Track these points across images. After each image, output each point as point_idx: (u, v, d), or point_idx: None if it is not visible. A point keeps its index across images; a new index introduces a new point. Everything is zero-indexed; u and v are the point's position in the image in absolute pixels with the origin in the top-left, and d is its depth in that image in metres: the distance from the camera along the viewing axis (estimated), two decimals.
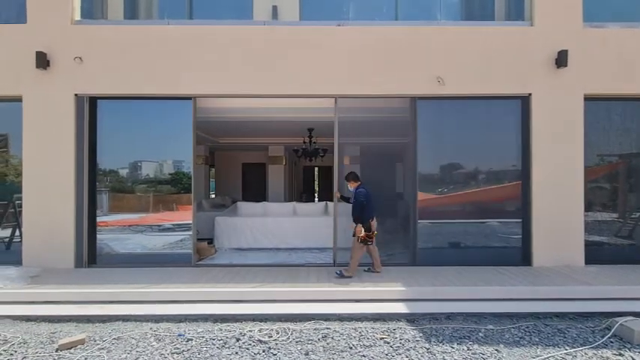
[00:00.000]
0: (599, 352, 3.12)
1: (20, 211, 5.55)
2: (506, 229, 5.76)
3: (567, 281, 4.67)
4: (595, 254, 5.51)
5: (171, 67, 5.46)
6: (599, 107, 5.65)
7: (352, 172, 5.11)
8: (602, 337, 3.36)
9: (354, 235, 4.83)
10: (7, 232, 5.84)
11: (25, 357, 3.05)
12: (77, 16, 5.59)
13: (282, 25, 5.65)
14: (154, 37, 5.49)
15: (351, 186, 5.02)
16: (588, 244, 5.51)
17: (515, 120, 5.66)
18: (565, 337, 3.39)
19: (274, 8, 5.97)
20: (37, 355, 3.08)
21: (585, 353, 3.10)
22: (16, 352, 3.13)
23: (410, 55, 5.51)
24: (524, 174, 5.62)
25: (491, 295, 4.33)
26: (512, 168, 5.75)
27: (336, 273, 4.90)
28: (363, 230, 4.77)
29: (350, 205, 4.98)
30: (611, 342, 3.29)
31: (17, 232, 5.76)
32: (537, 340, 3.35)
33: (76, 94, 5.46)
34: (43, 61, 5.30)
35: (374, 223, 4.98)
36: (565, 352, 3.12)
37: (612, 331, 3.41)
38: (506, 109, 5.68)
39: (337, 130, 5.64)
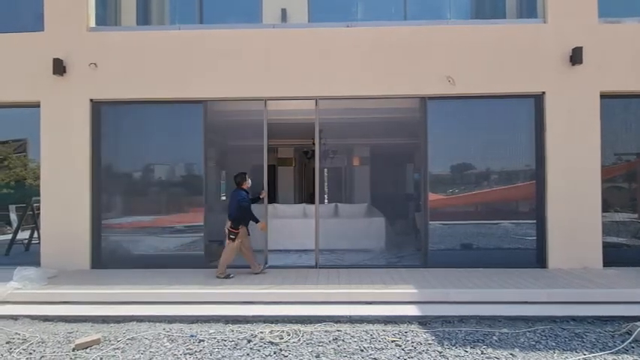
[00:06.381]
0: (620, 357, 3.03)
1: (38, 214, 5.71)
2: (520, 230, 5.65)
3: (585, 284, 4.55)
4: (613, 256, 5.34)
5: (182, 72, 5.54)
6: (616, 105, 5.50)
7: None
8: (623, 342, 3.25)
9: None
10: (25, 234, 6.02)
11: (43, 356, 3.13)
12: (92, 23, 5.74)
13: (291, 28, 5.68)
14: (166, 42, 5.59)
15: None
16: (606, 246, 5.35)
17: (528, 119, 5.55)
18: (583, 342, 3.29)
19: (283, 11, 6.01)
20: (55, 354, 3.16)
21: (605, 359, 3.01)
22: (34, 351, 3.22)
23: (420, 55, 5.46)
24: (538, 174, 5.50)
25: (505, 297, 4.24)
26: (525, 168, 5.64)
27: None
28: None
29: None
30: (632, 347, 3.18)
31: (35, 234, 5.93)
32: (554, 344, 3.26)
33: (91, 100, 5.60)
34: (59, 67, 5.45)
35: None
36: (583, 357, 3.03)
37: (633, 335, 3.30)
38: (519, 108, 5.58)
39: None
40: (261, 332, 3.53)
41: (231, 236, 4.92)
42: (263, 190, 5.57)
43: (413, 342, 3.31)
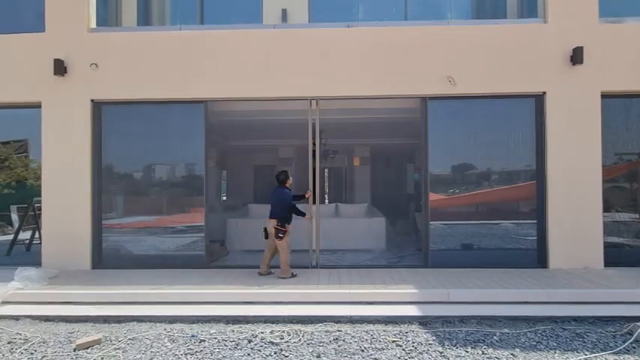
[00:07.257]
0: (621, 357, 3.02)
1: (39, 214, 5.72)
2: (521, 231, 5.64)
3: (585, 284, 4.54)
4: (614, 256, 5.34)
5: (183, 72, 5.55)
6: (617, 105, 5.49)
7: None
8: (624, 342, 3.25)
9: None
10: (27, 234, 6.04)
11: (44, 356, 3.13)
12: (93, 24, 5.75)
13: (291, 29, 5.68)
14: (167, 42, 5.60)
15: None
16: (607, 246, 5.34)
17: (529, 119, 5.54)
18: (584, 342, 3.29)
19: (283, 12, 6.02)
20: (56, 354, 3.17)
21: (606, 359, 3.00)
22: (36, 351, 3.22)
23: (421, 55, 5.46)
24: (538, 174, 5.50)
25: (506, 298, 4.24)
26: (526, 168, 5.63)
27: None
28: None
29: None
30: (633, 347, 3.18)
31: (37, 234, 5.94)
32: (555, 344, 3.26)
33: (92, 100, 5.61)
34: (60, 68, 5.46)
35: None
36: (585, 357, 3.03)
37: (634, 336, 3.29)
38: (519, 108, 5.57)
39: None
40: (262, 332, 3.53)
41: (280, 234, 4.92)
42: (309, 190, 5.62)
43: (413, 342, 3.31)
